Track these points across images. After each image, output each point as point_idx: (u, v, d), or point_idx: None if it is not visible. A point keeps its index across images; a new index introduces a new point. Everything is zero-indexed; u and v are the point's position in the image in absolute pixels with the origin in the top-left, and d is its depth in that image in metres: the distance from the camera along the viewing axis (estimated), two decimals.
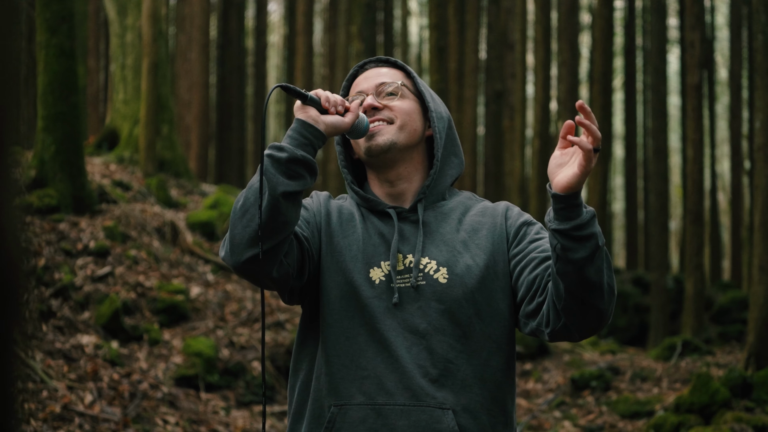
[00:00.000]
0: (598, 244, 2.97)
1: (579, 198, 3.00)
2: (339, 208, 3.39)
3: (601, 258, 3.00)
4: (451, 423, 3.13)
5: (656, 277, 20.01)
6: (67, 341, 10.43)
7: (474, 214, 3.36)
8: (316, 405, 3.24)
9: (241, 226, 3.04)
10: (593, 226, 2.98)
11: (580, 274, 2.97)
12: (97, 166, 17.03)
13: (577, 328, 3.09)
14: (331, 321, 3.22)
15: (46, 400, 8.86)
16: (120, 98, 19.55)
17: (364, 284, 3.21)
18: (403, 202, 3.37)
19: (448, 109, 3.53)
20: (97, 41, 27.63)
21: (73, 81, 13.38)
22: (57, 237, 12.35)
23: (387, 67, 3.44)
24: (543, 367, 14.05)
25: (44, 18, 13.23)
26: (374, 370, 3.16)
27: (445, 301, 3.18)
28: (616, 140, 42.22)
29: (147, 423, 9.43)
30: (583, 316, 3.05)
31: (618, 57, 33.93)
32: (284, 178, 3.02)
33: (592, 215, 2.99)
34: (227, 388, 11.14)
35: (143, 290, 12.17)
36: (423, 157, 3.42)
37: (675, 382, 12.41)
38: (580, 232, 2.96)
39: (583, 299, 3.01)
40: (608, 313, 3.07)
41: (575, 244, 2.96)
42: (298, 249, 3.16)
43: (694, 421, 10.00)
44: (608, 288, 3.03)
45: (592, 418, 11.50)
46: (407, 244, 3.27)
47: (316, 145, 3.13)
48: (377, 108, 3.32)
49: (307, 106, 3.16)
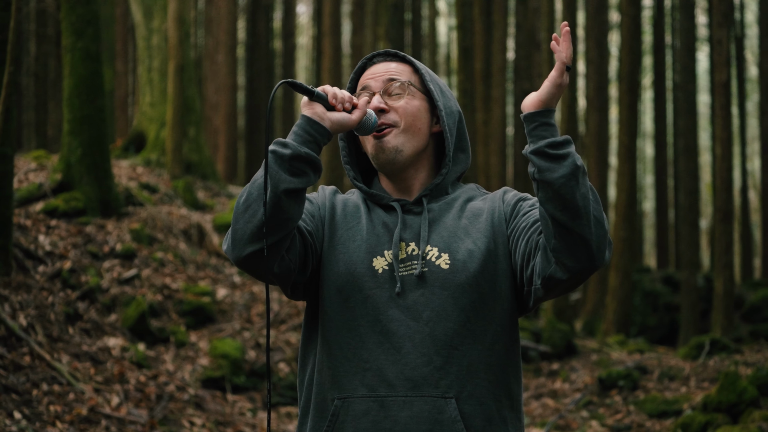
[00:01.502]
0: (576, 164, 2.94)
1: (552, 117, 2.99)
2: (345, 201, 3.39)
3: (585, 186, 2.96)
4: (453, 412, 3.12)
5: (686, 275, 19.91)
6: (94, 344, 10.46)
7: (476, 202, 3.35)
8: (319, 398, 3.24)
9: (244, 221, 3.05)
10: (569, 147, 2.97)
11: (561, 197, 2.93)
12: (124, 168, 17.09)
13: (569, 267, 2.99)
14: (332, 314, 3.23)
15: (73, 402, 8.89)
16: (146, 101, 19.63)
17: (366, 275, 3.21)
18: (408, 195, 3.36)
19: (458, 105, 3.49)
20: (125, 44, 27.72)
21: (98, 84, 13.43)
22: (83, 240, 12.39)
23: (395, 61, 3.40)
24: (570, 366, 14.00)
25: (70, 21, 13.28)
26: (376, 361, 3.16)
27: (448, 287, 3.17)
28: (646, 139, 42.09)
29: (173, 425, 9.45)
30: (572, 250, 2.97)
31: (647, 55, 33.82)
32: (287, 175, 3.02)
33: (568, 138, 2.98)
34: (254, 389, 11.16)
35: (170, 292, 12.21)
36: (430, 154, 3.40)
37: (703, 381, 12.33)
38: (556, 151, 2.95)
39: (568, 227, 2.94)
40: (600, 247, 3.00)
41: (551, 163, 2.94)
42: (300, 244, 3.17)
43: (721, 420, 9.94)
44: (596, 219, 2.97)
45: (619, 417, 11.45)
46: (410, 233, 3.26)
47: (320, 142, 3.12)
48: (383, 110, 3.30)
49: (313, 102, 3.15)
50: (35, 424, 8.20)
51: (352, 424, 3.16)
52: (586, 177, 2.99)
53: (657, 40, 29.35)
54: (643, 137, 41.50)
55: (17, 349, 9.21)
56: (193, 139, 18.89)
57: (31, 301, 10.22)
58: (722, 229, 17.67)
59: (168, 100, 17.86)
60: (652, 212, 39.19)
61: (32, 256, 11.29)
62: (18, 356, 9.08)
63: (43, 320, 10.11)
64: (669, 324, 21.87)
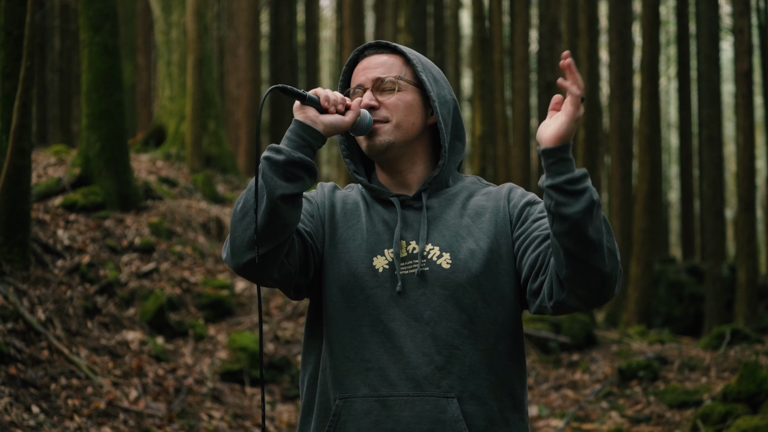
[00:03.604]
0: (593, 199, 2.93)
1: (569, 152, 2.98)
2: (344, 198, 3.38)
3: (599, 219, 2.96)
4: (455, 412, 3.12)
5: (710, 266, 19.84)
6: (113, 337, 10.49)
7: (478, 199, 3.33)
8: (323, 398, 3.25)
9: (242, 228, 3.05)
10: (586, 182, 2.96)
11: (576, 231, 2.92)
12: (143, 162, 17.14)
13: (581, 296, 3.02)
14: (334, 313, 3.22)
15: (91, 396, 8.91)
16: (166, 95, 19.67)
17: (367, 274, 3.20)
18: (408, 190, 3.35)
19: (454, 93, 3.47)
20: (146, 39, 27.77)
21: (116, 78, 13.45)
22: (102, 234, 12.43)
23: (386, 53, 3.37)
24: (590, 357, 13.96)
25: (87, 16, 13.31)
26: (378, 361, 3.16)
27: (449, 286, 3.17)
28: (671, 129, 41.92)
29: (192, 418, 9.47)
30: (586, 281, 2.99)
31: (671, 45, 33.67)
32: (282, 181, 3.02)
33: (585, 173, 2.97)
34: (272, 382, 11.17)
35: (188, 286, 12.23)
36: (426, 145, 3.38)
37: (723, 371, 12.28)
38: (573, 186, 2.93)
39: (582, 260, 2.95)
40: (612, 278, 3.01)
41: (568, 198, 2.93)
42: (300, 246, 3.16)
43: (741, 410, 9.88)
44: (609, 252, 2.97)
45: (639, 408, 11.42)
46: (411, 231, 3.25)
47: (314, 146, 3.11)
48: (373, 107, 3.28)
49: (305, 106, 3.14)
50: (53, 418, 8.23)
51: (354, 424, 3.17)
52: (601, 209, 2.99)
53: (681, 30, 29.21)
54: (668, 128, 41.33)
55: (35, 343, 9.24)
56: (213, 132, 18.92)
57: (49, 295, 10.25)
58: (745, 219, 17.62)
59: (187, 94, 17.89)
60: (678, 203, 39.00)
61: (51, 250, 11.33)
62: (36, 350, 9.11)
63: (62, 314, 10.15)
64: (694, 315, 21.77)
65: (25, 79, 9.50)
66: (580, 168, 2.98)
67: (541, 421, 11.16)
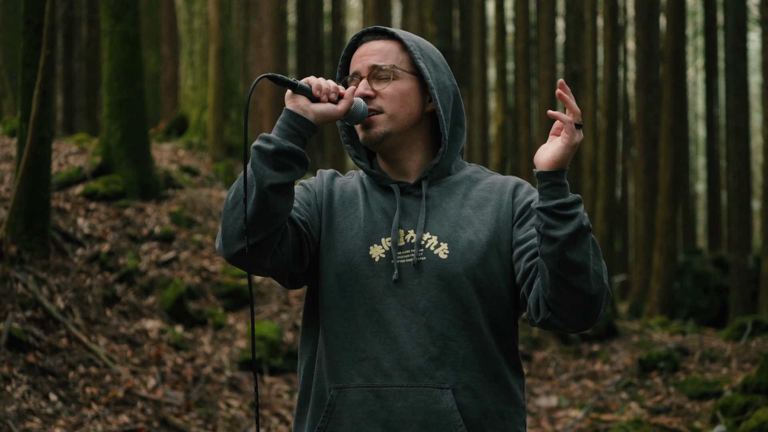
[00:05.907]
0: (582, 224, 2.96)
1: (564, 177, 3.01)
2: (343, 186, 3.36)
3: (586, 243, 2.98)
4: (449, 403, 3.12)
5: (736, 257, 19.77)
6: (132, 326, 10.51)
7: (480, 189, 3.30)
8: (318, 388, 3.25)
9: (233, 218, 3.06)
10: (578, 208, 2.99)
11: (562, 254, 2.95)
12: (165, 152, 17.16)
13: (565, 318, 3.06)
14: (330, 303, 3.22)
15: (110, 384, 8.94)
16: (188, 84, 19.68)
17: (363, 263, 3.19)
18: (407, 178, 3.32)
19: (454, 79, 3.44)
20: (171, 28, 27.80)
21: (138, 67, 13.47)
22: (122, 223, 12.45)
23: (384, 40, 3.33)
24: (611, 348, 13.94)
25: (108, 5, 13.33)
26: (372, 351, 3.16)
27: (445, 277, 3.15)
28: (698, 120, 41.74)
29: (210, 407, 9.48)
30: (570, 303, 3.02)
31: (699, 36, 33.51)
32: (272, 170, 3.01)
33: (578, 199, 3.00)
34: (291, 371, 11.16)
35: (207, 275, 12.24)
36: (425, 133, 3.35)
37: (744, 362, 12.24)
38: (564, 211, 2.97)
39: (567, 283, 2.97)
40: (597, 301, 3.03)
41: (557, 221, 2.96)
42: (295, 235, 3.16)
43: (761, 402, 9.84)
44: (595, 275, 3.00)
45: (659, 399, 11.39)
46: (409, 220, 3.24)
47: (305, 135, 3.10)
48: (369, 96, 3.25)
49: (297, 95, 3.13)
50: (71, 406, 8.26)
51: (348, 414, 3.17)
52: (589, 235, 3.01)
53: (708, 21, 29.10)
54: (696, 119, 41.16)
55: (54, 331, 9.28)
56: (235, 122, 18.91)
57: (69, 283, 10.28)
58: None
59: (209, 84, 17.90)
60: (705, 194, 38.85)
61: (71, 239, 11.36)
62: (55, 339, 9.14)
63: (81, 303, 10.18)
64: (720, 306, 21.72)
65: (45, 67, 9.52)
66: (574, 194, 3.02)
67: (560, 412, 11.15)
